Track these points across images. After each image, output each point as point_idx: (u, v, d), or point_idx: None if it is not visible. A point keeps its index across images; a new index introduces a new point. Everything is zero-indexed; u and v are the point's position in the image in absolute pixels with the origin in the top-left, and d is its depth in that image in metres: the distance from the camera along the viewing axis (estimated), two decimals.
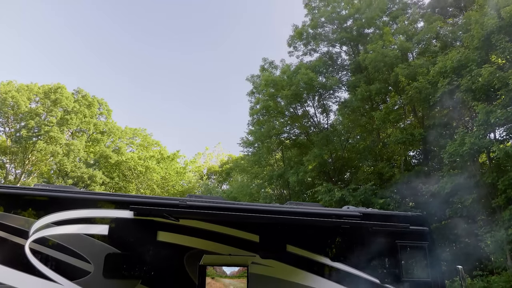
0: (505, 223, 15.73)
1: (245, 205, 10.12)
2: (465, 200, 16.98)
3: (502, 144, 17.03)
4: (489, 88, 17.05)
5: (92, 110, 38.65)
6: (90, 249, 8.01)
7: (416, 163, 24.88)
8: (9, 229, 7.75)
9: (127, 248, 8.28)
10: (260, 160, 28.93)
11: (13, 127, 34.77)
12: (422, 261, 10.06)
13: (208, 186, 40.38)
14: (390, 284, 9.41)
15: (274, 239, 9.22)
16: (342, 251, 9.65)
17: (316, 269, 9.17)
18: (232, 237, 8.85)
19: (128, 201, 8.64)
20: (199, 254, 8.50)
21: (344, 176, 27.48)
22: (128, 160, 37.61)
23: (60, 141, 33.96)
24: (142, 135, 45.22)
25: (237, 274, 8.52)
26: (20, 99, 33.45)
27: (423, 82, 19.56)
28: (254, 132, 27.99)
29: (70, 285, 7.68)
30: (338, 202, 19.83)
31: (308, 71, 24.62)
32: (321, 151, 23.78)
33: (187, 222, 8.70)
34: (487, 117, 16.04)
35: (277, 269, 8.88)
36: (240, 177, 36.12)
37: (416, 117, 23.86)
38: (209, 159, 48.54)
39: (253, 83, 29.29)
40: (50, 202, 8.21)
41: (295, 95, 25.29)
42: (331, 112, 28.70)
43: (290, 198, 26.90)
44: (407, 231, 9.90)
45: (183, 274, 8.35)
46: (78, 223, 8.12)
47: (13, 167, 35.50)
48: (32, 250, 7.73)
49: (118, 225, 8.32)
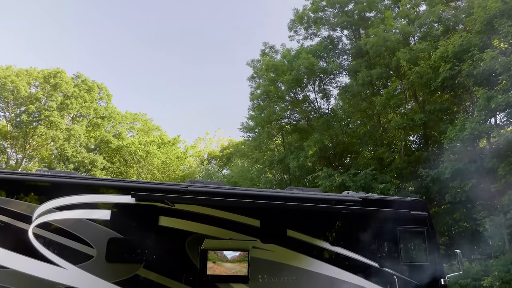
0: (504, 207, 15.84)
1: (246, 191, 10.20)
2: (465, 185, 17.05)
3: (502, 130, 17.03)
4: (490, 73, 16.97)
5: (92, 94, 38.52)
6: (93, 234, 8.12)
7: (416, 148, 24.94)
8: (13, 214, 7.85)
9: (129, 233, 8.39)
10: (260, 145, 28.97)
11: (13, 111, 34.73)
12: (421, 245, 10.19)
13: (208, 171, 40.51)
14: (389, 268, 9.53)
15: (275, 224, 9.32)
16: (342, 236, 9.77)
17: (316, 253, 9.29)
18: (233, 222, 8.95)
19: (129, 187, 8.72)
20: (200, 239, 8.61)
21: (344, 161, 27.56)
22: (129, 145, 37.67)
23: (61, 126, 33.95)
24: (143, 120, 45.19)
25: (238, 258, 8.64)
26: (20, 83, 33.33)
27: (425, 67, 19.46)
28: (255, 117, 27.97)
29: (73, 269, 7.81)
30: (338, 187, 19.93)
31: (309, 56, 24.46)
32: (322, 136, 23.79)
33: (188, 207, 8.79)
34: (487, 102, 16.01)
35: (277, 253, 9.00)
36: (241, 162, 36.23)
37: (417, 102, 23.80)
38: (209, 144, 48.62)
39: (254, 67, 29.17)
40: (52, 187, 8.29)
41: (296, 80, 25.17)
42: (332, 97, 28.66)
43: (290, 183, 27.02)
44: (406, 216, 9.99)
45: (185, 259, 8.48)
46: (80, 208, 8.21)
47: (14, 152, 35.60)
48: (36, 234, 7.84)
49: (120, 210, 8.42)
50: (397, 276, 9.51)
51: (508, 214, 15.39)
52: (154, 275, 8.20)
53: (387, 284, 9.41)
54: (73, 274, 7.77)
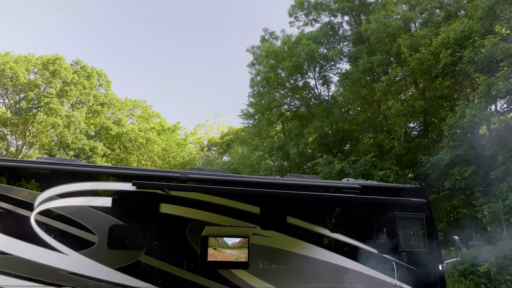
0: (502, 194, 15.92)
1: (246, 178, 10.26)
2: (464, 172, 17.12)
3: (502, 116, 17.02)
4: (491, 60, 16.89)
5: (91, 81, 38.37)
6: (94, 220, 8.21)
7: (416, 135, 24.95)
8: (15, 201, 7.91)
9: (130, 220, 8.48)
10: (260, 132, 28.97)
11: (13, 98, 34.65)
12: (420, 232, 10.29)
13: (208, 158, 40.59)
14: (387, 254, 9.65)
15: (275, 211, 9.40)
16: (341, 222, 9.86)
17: (315, 239, 9.39)
18: (233, 209, 9.03)
19: (130, 174, 8.78)
20: (201, 226, 8.70)
21: (344, 148, 27.59)
22: (129, 131, 37.67)
23: (60, 113, 33.89)
24: (142, 107, 45.09)
25: (239, 245, 8.73)
26: (19, 70, 33.17)
27: (426, 53, 19.35)
28: (255, 104, 27.91)
29: (75, 255, 7.91)
30: (338, 174, 20.00)
31: (309, 42, 24.30)
32: (322, 123, 23.78)
33: (188, 194, 8.86)
34: (488, 89, 15.97)
35: (277, 240, 9.09)
36: (241, 148, 36.27)
37: (417, 89, 23.73)
38: (209, 130, 48.60)
39: (254, 54, 29.02)
40: (54, 175, 8.35)
41: (296, 66, 25.05)
42: (332, 84, 28.56)
43: (290, 169, 27.10)
44: (405, 203, 10.07)
45: (186, 245, 8.57)
46: (82, 195, 8.28)
47: (14, 138, 35.62)
48: (38, 221, 7.92)
49: (121, 197, 8.49)
50: (396, 262, 9.63)
51: (506, 201, 15.48)
52: (156, 261, 8.31)
53: (385, 270, 9.54)
54: (75, 261, 7.88)
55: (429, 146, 22.01)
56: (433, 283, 9.73)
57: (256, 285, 8.66)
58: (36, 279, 7.60)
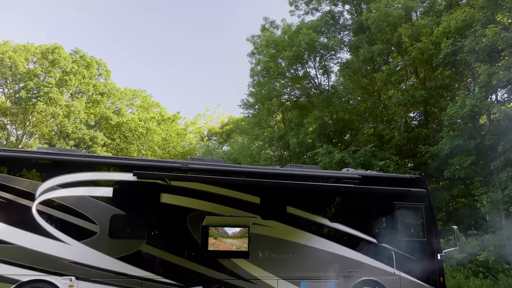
0: (502, 184, 15.98)
1: (246, 168, 10.31)
2: (464, 162, 17.16)
3: (503, 106, 17.00)
4: (492, 49, 16.81)
5: (90, 71, 38.20)
6: (96, 210, 8.30)
7: (416, 124, 24.94)
8: (16, 191, 7.97)
9: (131, 210, 8.56)
10: (260, 122, 28.95)
11: (12, 88, 34.56)
12: (419, 221, 10.38)
13: (208, 148, 40.62)
14: (386, 244, 9.74)
15: (275, 201, 9.48)
16: (341, 212, 9.95)
17: (315, 229, 9.48)
18: (233, 199, 9.10)
19: (131, 165, 8.83)
20: (202, 215, 8.77)
21: (344, 138, 27.60)
22: (129, 121, 37.64)
23: (60, 103, 33.82)
24: (142, 96, 44.95)
25: (239, 234, 8.81)
26: (18, 59, 33.02)
27: (427, 43, 19.26)
28: (255, 94, 27.83)
29: (77, 245, 8.00)
30: (338, 164, 20.03)
31: (310, 32, 24.14)
32: (322, 113, 23.74)
33: (189, 185, 8.92)
34: (489, 78, 15.92)
35: (277, 229, 9.18)
36: (241, 138, 36.28)
37: (418, 79, 23.66)
38: (209, 120, 48.53)
39: (254, 43, 28.83)
40: (55, 165, 8.39)
41: (296, 56, 24.92)
42: (332, 73, 28.42)
43: (290, 159, 27.15)
44: (404, 193, 10.13)
45: (187, 235, 8.65)
46: (83, 185, 8.33)
47: (14, 128, 35.60)
48: (40, 211, 7.98)
49: (122, 187, 8.56)
50: (395, 251, 9.72)
51: (505, 191, 15.54)
52: (157, 251, 8.40)
53: (384, 259, 9.65)
54: (77, 250, 7.97)
55: (429, 136, 22.02)
56: (431, 272, 9.85)
57: (256, 274, 8.76)
58: (39, 268, 7.70)
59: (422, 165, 21.59)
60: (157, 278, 8.25)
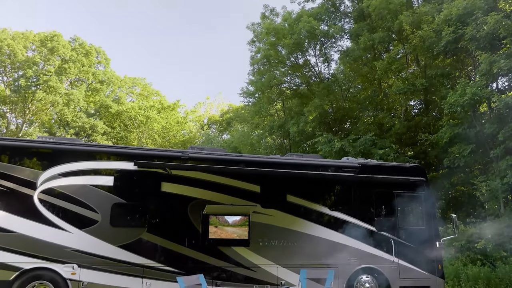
0: (501, 172, 16.03)
1: (247, 157, 10.36)
2: (464, 150, 17.19)
3: (503, 95, 16.96)
4: (494, 37, 16.71)
5: (90, 58, 38.01)
6: (97, 199, 8.37)
7: (416, 113, 24.91)
8: (18, 180, 8.02)
9: (132, 198, 8.63)
10: (260, 110, 28.87)
11: (11, 76, 34.44)
12: (418, 210, 10.46)
13: (209, 136, 40.63)
14: (385, 232, 9.84)
15: (275, 189, 9.55)
16: (341, 201, 10.04)
17: (315, 217, 9.57)
18: (234, 188, 9.17)
19: (132, 154, 8.86)
20: (202, 204, 8.84)
21: (344, 126, 27.58)
22: (129, 109, 37.59)
23: (59, 91, 33.71)
24: (142, 85, 44.79)
25: (239, 222, 8.89)
26: (16, 47, 32.84)
27: (428, 30, 19.12)
28: (255, 82, 27.73)
29: (79, 233, 8.08)
30: (338, 153, 20.05)
31: (310, 19, 23.96)
32: (322, 101, 23.69)
33: (189, 173, 8.97)
34: (489, 67, 15.86)
35: (277, 218, 9.26)
36: (241, 127, 36.26)
37: (418, 67, 23.55)
38: (209, 108, 48.45)
39: (254, 31, 28.63)
40: (56, 154, 8.43)
41: (297, 44, 24.77)
42: (333, 61, 28.25)
43: (290, 148, 27.17)
44: (404, 182, 10.20)
45: (187, 223, 8.73)
46: (84, 174, 8.39)
47: (14, 116, 35.56)
48: (41, 200, 8.04)
49: (123, 176, 8.61)
50: (394, 240, 9.82)
51: (504, 179, 15.60)
52: (158, 239, 8.49)
53: (384, 247, 9.75)
54: (79, 238, 8.05)
55: (429, 124, 22.01)
56: (430, 260, 9.97)
57: (256, 262, 8.87)
58: (41, 256, 7.79)
59: (422, 154, 21.63)
60: (158, 265, 8.35)
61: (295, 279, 8.58)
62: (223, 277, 8.66)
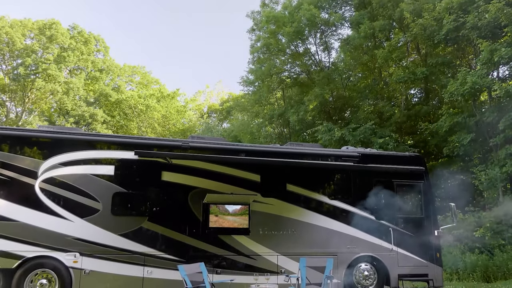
0: (500, 161, 16.09)
1: (247, 147, 10.38)
2: (463, 139, 17.23)
3: (504, 83, 16.93)
4: (495, 25, 16.64)
5: (89, 47, 37.80)
6: (98, 188, 8.42)
7: (416, 101, 24.89)
8: (19, 169, 8.05)
9: (133, 187, 8.68)
10: (260, 99, 28.85)
11: (10, 64, 34.28)
12: (417, 199, 10.53)
13: (208, 125, 40.61)
14: (384, 221, 9.91)
15: (275, 179, 9.60)
16: (340, 190, 10.11)
17: (314, 206, 9.64)
18: (234, 177, 9.22)
19: (132, 143, 8.89)
20: (203, 193, 8.89)
21: (344, 115, 27.57)
22: (128, 98, 37.48)
23: (59, 79, 33.58)
24: (141, 73, 44.59)
25: (239, 211, 8.95)
26: (15, 35, 32.61)
27: (429, 19, 19.02)
28: (255, 71, 27.65)
29: (81, 222, 8.15)
30: (338, 141, 20.09)
31: (310, 7, 23.80)
32: (322, 90, 23.65)
33: (190, 163, 9.01)
34: (490, 55, 15.81)
35: (277, 207, 9.33)
36: (241, 115, 36.23)
37: (419, 55, 23.47)
38: (209, 97, 48.31)
39: (254, 19, 28.46)
40: (56, 143, 8.45)
41: (297, 32, 24.64)
42: (333, 50, 28.13)
43: (290, 137, 27.19)
44: (403, 171, 10.25)
45: (188, 212, 8.80)
46: (85, 164, 8.43)
47: (13, 105, 35.49)
48: (42, 189, 8.09)
49: (124, 165, 8.65)
50: (393, 228, 9.90)
51: (503, 168, 15.66)
52: (158, 228, 8.57)
53: (382, 236, 9.83)
54: (80, 227, 8.12)
55: (429, 113, 22.01)
56: (428, 248, 10.07)
57: (256, 250, 8.96)
58: (43, 244, 7.87)
59: (422, 143, 21.68)
60: (159, 254, 8.43)
61: (295, 267, 8.66)
62: (224, 265, 8.75)
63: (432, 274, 9.93)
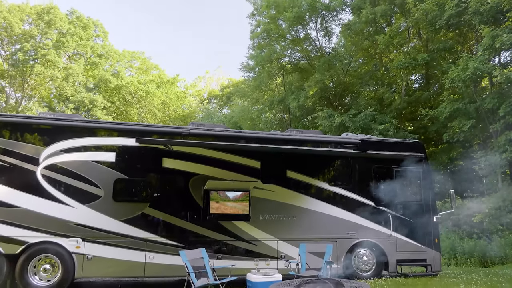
0: (500, 147, 16.13)
1: (247, 133, 10.41)
2: (463, 126, 17.24)
3: (505, 69, 16.86)
4: (497, 11, 16.50)
5: (87, 32, 37.49)
6: (99, 175, 8.47)
7: (417, 87, 24.81)
8: (21, 156, 8.09)
9: (134, 174, 8.74)
10: (260, 85, 28.77)
11: (9, 49, 34.05)
12: (416, 185, 10.59)
13: (209, 111, 40.55)
14: (384, 207, 10.00)
15: (275, 165, 9.65)
16: (340, 176, 10.19)
17: (314, 193, 9.71)
18: (234, 164, 9.27)
19: (133, 130, 8.91)
20: (203, 179, 8.95)
21: (344, 101, 27.52)
22: (128, 84, 37.32)
23: (58, 65, 33.39)
24: (141, 59, 44.30)
25: (240, 198, 9.02)
26: (13, 20, 32.30)
27: (430, 4, 18.85)
28: (255, 57, 27.52)
29: (82, 208, 8.22)
30: (338, 128, 20.11)
31: None
32: (323, 76, 23.56)
33: (190, 149, 9.05)
34: (492, 41, 15.71)
35: (277, 193, 9.40)
36: (241, 101, 36.15)
37: (420, 40, 23.31)
38: (209, 83, 48.11)
39: (254, 4, 28.18)
40: (58, 130, 8.48)
41: (297, 17, 24.45)
42: (334, 35, 27.92)
43: (290, 123, 27.19)
44: (403, 157, 10.29)
45: (189, 198, 8.87)
46: (86, 150, 8.47)
47: (13, 91, 35.37)
48: (44, 176, 8.14)
49: (125, 152, 8.70)
50: (392, 214, 9.99)
51: (503, 154, 15.71)
52: (160, 214, 8.65)
53: (382, 222, 9.93)
54: (82, 213, 8.20)
55: (430, 99, 21.96)
56: (427, 234, 10.18)
57: (256, 236, 9.05)
58: (46, 230, 7.95)
59: (422, 129, 21.69)
60: (160, 239, 8.53)
61: (295, 252, 8.78)
62: (224, 251, 8.86)
63: (431, 259, 10.07)
